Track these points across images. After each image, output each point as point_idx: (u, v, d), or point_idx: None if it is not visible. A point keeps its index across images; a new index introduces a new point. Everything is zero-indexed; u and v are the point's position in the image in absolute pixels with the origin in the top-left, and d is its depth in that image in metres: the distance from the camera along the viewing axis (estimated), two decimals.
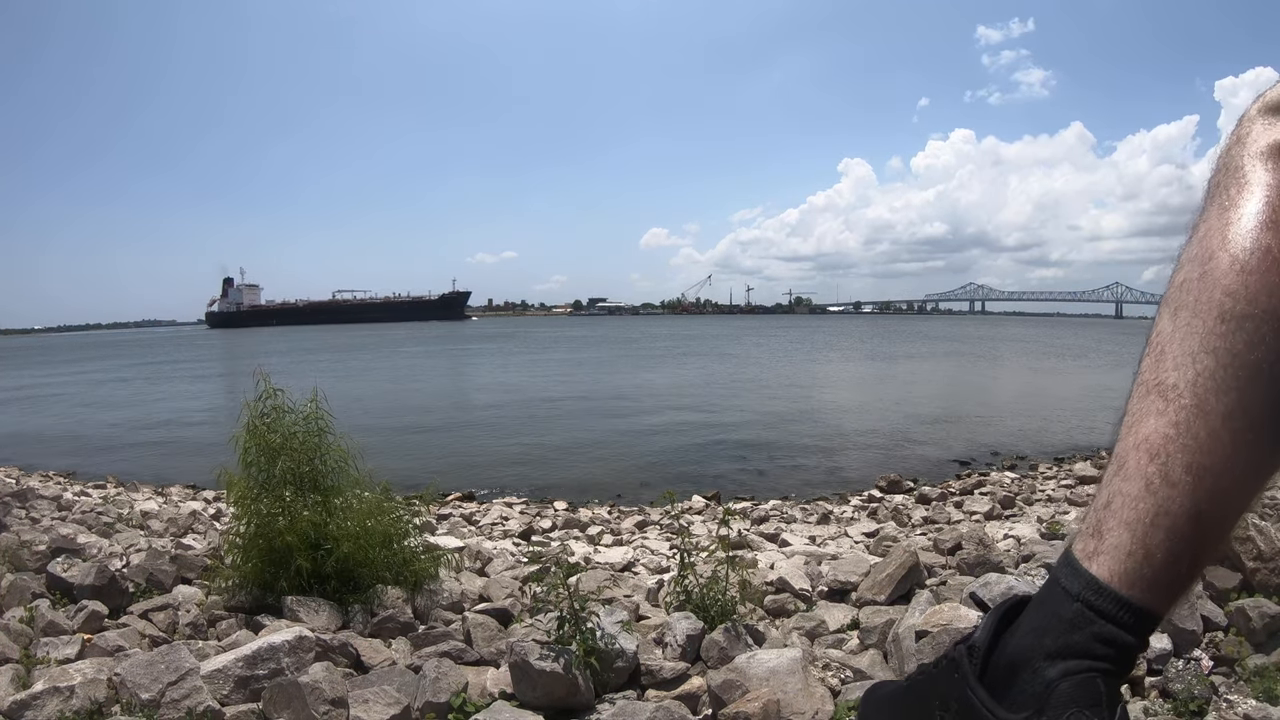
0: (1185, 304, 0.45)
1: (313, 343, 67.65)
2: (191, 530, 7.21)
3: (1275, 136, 0.48)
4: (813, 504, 9.67)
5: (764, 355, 44.42)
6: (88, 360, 53.54)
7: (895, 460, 12.55)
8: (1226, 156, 0.50)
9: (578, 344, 61.39)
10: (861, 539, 7.18)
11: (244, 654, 2.98)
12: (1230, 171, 0.49)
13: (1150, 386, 0.45)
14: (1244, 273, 0.43)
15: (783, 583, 4.54)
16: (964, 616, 3.06)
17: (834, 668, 3.18)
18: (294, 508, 4.04)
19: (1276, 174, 0.46)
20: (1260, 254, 0.43)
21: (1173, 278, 0.47)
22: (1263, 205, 0.45)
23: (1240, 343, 0.42)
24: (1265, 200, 0.45)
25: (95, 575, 4.05)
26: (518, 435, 15.77)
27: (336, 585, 4.01)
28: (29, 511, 7.51)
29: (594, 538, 7.79)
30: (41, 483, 10.47)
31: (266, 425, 4.15)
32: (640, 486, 10.97)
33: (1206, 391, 0.43)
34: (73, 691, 2.70)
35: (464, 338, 79.42)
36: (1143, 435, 0.44)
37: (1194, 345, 0.44)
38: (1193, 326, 0.44)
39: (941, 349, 50.29)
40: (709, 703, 2.84)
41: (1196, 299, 0.45)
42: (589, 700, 2.89)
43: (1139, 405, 0.45)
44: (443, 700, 2.82)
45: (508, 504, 9.97)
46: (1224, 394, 0.42)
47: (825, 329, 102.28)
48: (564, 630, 3.06)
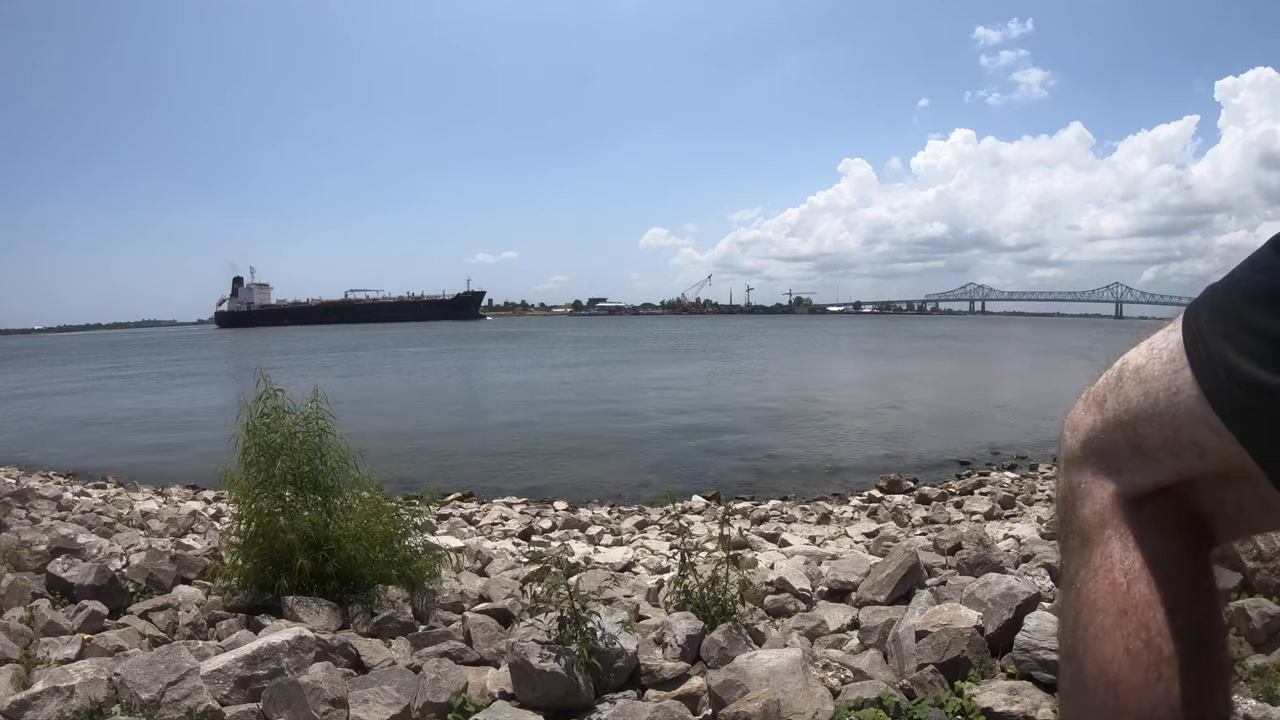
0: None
1: (329, 342, 67.52)
2: (191, 530, 7.20)
3: (1112, 489, 0.45)
4: (813, 504, 9.67)
5: (764, 355, 44.41)
6: (93, 360, 53.51)
7: (895, 460, 12.56)
8: (1069, 511, 0.48)
9: (579, 344, 61.41)
10: (861, 539, 7.17)
11: (244, 654, 2.98)
12: (1084, 538, 0.46)
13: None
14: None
15: (783, 583, 4.54)
16: (964, 616, 3.06)
17: (834, 668, 3.18)
18: (294, 508, 4.04)
19: (1131, 550, 0.42)
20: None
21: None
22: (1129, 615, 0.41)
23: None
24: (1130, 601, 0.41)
25: (95, 575, 4.05)
26: (518, 435, 15.77)
27: (337, 585, 4.00)
28: (29, 511, 7.52)
29: (594, 538, 7.79)
30: (41, 483, 10.48)
31: (266, 425, 4.15)
32: (640, 486, 10.97)
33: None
34: (73, 691, 2.70)
35: (478, 337, 79.39)
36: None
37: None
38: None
39: (941, 348, 50.28)
40: (709, 703, 2.84)
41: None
42: (589, 700, 2.89)
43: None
44: (443, 700, 2.82)
45: (508, 504, 9.97)
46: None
47: (825, 329, 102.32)
48: (564, 630, 3.05)
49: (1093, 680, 0.41)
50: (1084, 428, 0.47)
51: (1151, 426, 0.42)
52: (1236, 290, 0.40)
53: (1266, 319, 0.37)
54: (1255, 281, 0.39)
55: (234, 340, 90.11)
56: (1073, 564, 0.46)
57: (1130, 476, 0.44)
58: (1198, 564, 0.43)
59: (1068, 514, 0.47)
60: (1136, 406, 0.43)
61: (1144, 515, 0.43)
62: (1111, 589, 0.41)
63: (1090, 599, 0.42)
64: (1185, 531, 0.43)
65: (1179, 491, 0.44)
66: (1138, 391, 0.43)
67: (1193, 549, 0.43)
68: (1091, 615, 0.42)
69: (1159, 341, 0.44)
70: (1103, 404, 0.46)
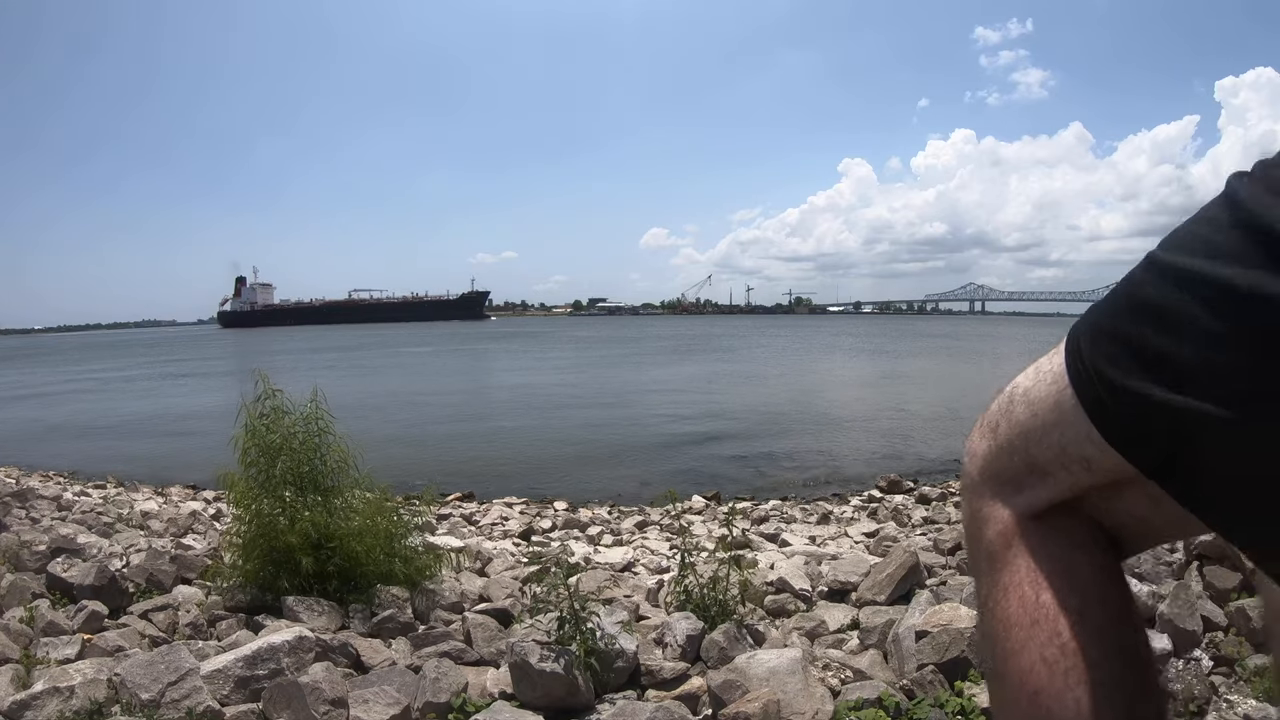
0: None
1: (332, 342, 67.38)
2: (191, 530, 7.21)
3: (1013, 509, 0.46)
4: (813, 504, 9.67)
5: (764, 355, 44.42)
6: (94, 360, 53.50)
7: (895, 460, 12.55)
8: (975, 536, 0.49)
9: (580, 344, 61.42)
10: (861, 539, 7.17)
11: (244, 654, 2.99)
12: (991, 560, 0.47)
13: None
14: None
15: (783, 583, 4.54)
16: (964, 616, 3.06)
17: (834, 668, 3.18)
18: (295, 508, 4.04)
19: (1035, 574, 0.43)
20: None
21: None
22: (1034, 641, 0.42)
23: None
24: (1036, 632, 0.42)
25: (95, 575, 4.06)
26: (519, 435, 15.77)
27: (337, 585, 4.01)
28: (29, 511, 7.52)
29: (594, 538, 7.79)
30: (41, 483, 10.48)
31: (266, 426, 4.15)
32: (640, 486, 10.97)
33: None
34: (73, 691, 2.71)
35: (481, 337, 79.37)
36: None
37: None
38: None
39: (942, 348, 50.29)
40: (709, 703, 2.84)
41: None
42: (589, 700, 2.89)
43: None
44: (443, 700, 2.82)
45: (508, 504, 9.97)
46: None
47: (825, 329, 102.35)
48: (564, 630, 3.06)
49: (1015, 693, 0.42)
50: (980, 453, 0.49)
51: (1042, 446, 0.44)
52: (1111, 304, 0.41)
53: (1134, 329, 0.38)
54: (1128, 293, 0.40)
55: (237, 340, 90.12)
56: (984, 586, 0.47)
57: (1028, 496, 0.46)
58: (1105, 571, 0.44)
59: (974, 539, 0.49)
60: (1027, 428, 0.45)
61: (1046, 530, 0.45)
62: (1021, 602, 0.43)
63: (1004, 616, 0.43)
64: (1089, 541, 0.45)
65: (1078, 506, 0.45)
66: (1027, 414, 0.45)
67: (1098, 557, 0.44)
68: (1007, 631, 0.43)
69: (1044, 364, 0.45)
70: (996, 429, 0.48)
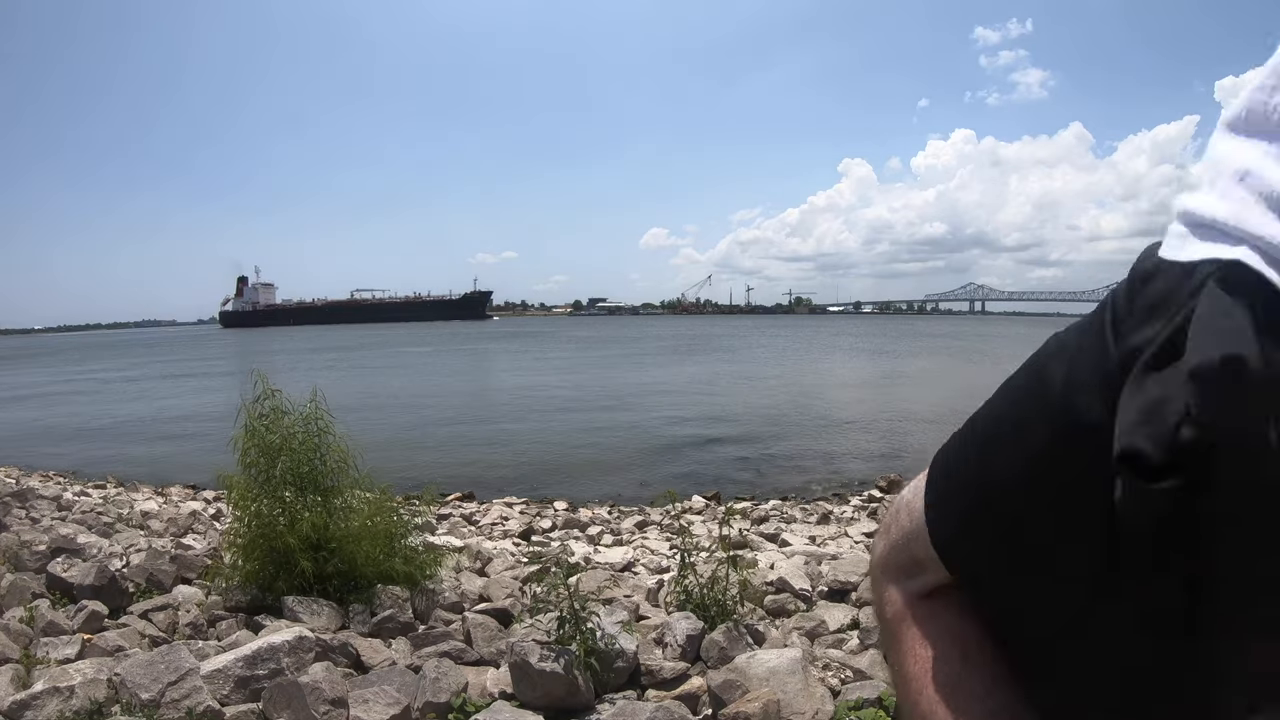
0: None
1: (333, 342, 67.22)
2: (191, 530, 7.21)
3: (905, 593, 0.56)
4: (813, 504, 9.66)
5: (764, 355, 44.40)
6: (94, 360, 53.50)
7: (895, 460, 12.55)
8: (880, 618, 0.59)
9: (581, 344, 61.40)
10: (861, 539, 7.17)
11: (244, 654, 2.99)
12: (892, 635, 0.56)
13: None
14: None
15: (783, 583, 4.54)
16: None
17: (834, 668, 3.18)
18: (294, 509, 4.04)
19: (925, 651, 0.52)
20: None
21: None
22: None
23: None
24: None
25: (95, 575, 4.06)
26: (519, 435, 15.77)
27: (337, 585, 4.01)
28: (29, 511, 7.52)
29: (594, 538, 7.79)
30: (41, 483, 10.48)
31: (265, 426, 4.15)
32: (640, 486, 10.97)
33: None
34: (73, 691, 2.71)
35: (482, 337, 79.34)
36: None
37: None
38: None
39: (942, 348, 50.28)
40: (709, 703, 2.85)
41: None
42: (589, 700, 2.89)
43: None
44: (443, 700, 2.82)
45: (508, 504, 9.96)
46: None
47: (825, 329, 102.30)
48: (564, 630, 3.06)
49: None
50: (879, 550, 0.60)
51: (916, 546, 0.54)
52: (961, 430, 0.52)
53: (956, 454, 0.51)
54: (972, 420, 0.50)
55: (238, 340, 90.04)
56: (891, 657, 0.57)
57: (914, 583, 0.56)
58: (985, 627, 0.52)
59: (880, 617, 0.59)
60: (907, 531, 0.55)
61: (931, 605, 0.55)
62: (916, 660, 0.53)
63: (906, 675, 0.53)
64: (971, 608, 0.54)
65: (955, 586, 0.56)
66: (907, 520, 0.55)
67: (976, 620, 0.54)
68: (908, 685, 0.53)
69: (920, 480, 0.55)
70: (888, 531, 0.59)
